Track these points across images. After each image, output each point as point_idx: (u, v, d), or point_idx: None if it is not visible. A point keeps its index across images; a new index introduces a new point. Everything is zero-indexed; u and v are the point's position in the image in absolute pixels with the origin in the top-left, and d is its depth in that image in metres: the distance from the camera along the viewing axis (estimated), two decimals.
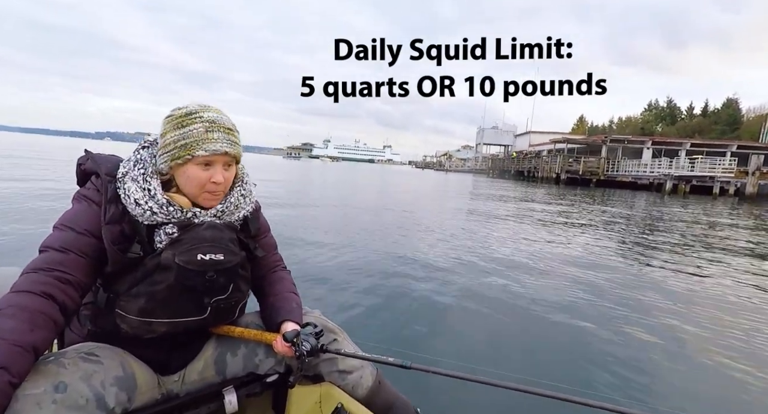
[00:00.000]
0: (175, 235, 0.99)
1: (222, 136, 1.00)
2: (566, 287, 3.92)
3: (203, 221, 1.03)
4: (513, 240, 6.41)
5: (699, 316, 3.32)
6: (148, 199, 0.97)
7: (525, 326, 2.95)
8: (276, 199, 9.62)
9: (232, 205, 1.09)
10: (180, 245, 0.98)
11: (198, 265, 0.99)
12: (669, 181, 27.08)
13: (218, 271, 1.02)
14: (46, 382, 0.80)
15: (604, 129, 77.66)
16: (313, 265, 4.06)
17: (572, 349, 2.62)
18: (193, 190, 1.02)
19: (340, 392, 1.11)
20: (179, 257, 0.97)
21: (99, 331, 1.01)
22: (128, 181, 0.98)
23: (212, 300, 1.03)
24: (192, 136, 0.98)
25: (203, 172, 1.00)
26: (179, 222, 1.00)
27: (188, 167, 1.00)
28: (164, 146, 1.00)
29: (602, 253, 5.82)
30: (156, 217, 0.98)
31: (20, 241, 4.07)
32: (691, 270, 5.04)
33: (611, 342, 2.71)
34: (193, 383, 1.09)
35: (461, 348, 2.54)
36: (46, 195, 7.23)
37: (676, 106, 72.39)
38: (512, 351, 2.58)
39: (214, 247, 1.01)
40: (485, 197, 16.01)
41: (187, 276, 0.98)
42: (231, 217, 1.10)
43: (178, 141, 0.98)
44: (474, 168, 77.76)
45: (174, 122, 1.00)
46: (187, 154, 0.98)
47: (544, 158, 41.19)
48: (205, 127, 0.99)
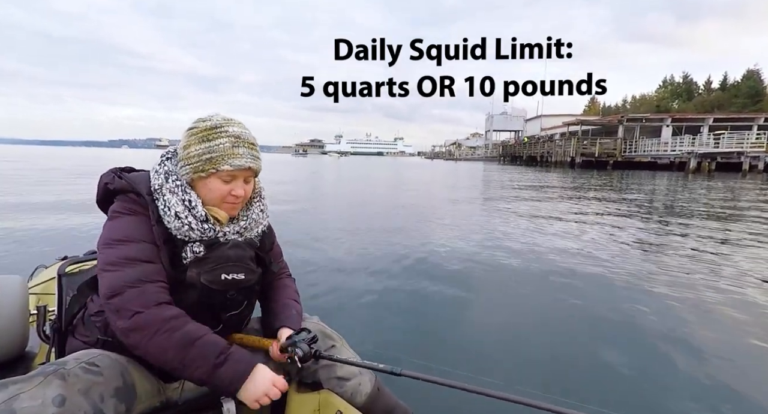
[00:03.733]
0: (201, 254, 1.00)
1: (246, 152, 1.02)
2: (579, 294, 3.18)
3: (228, 240, 1.05)
4: (525, 237, 5.51)
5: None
6: (188, 214, 0.99)
7: (547, 341, 2.52)
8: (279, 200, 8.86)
9: (253, 221, 1.11)
10: (205, 264, 1.00)
11: (221, 284, 1.02)
12: (693, 159, 25.61)
13: (238, 290, 1.06)
14: (45, 396, 0.78)
15: (617, 109, 75.12)
16: (314, 269, 3.83)
17: (579, 363, 2.26)
18: (213, 201, 1.04)
19: (339, 400, 1.10)
20: (204, 276, 1.00)
21: (109, 340, 1.00)
22: (167, 194, 0.99)
23: (227, 314, 1.07)
24: (218, 151, 0.99)
25: (224, 186, 1.02)
26: (207, 240, 1.01)
27: (211, 180, 1.01)
28: (187, 158, 1.01)
29: (633, 250, 4.87)
30: (191, 232, 0.99)
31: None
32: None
33: (627, 356, 2.30)
34: (192, 391, 1.08)
35: (468, 357, 2.32)
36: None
37: (693, 82, 69.35)
38: (525, 363, 2.25)
39: (236, 266, 1.05)
40: (499, 187, 15.04)
41: (210, 295, 1.01)
42: (251, 232, 1.12)
43: (203, 155, 0.99)
44: (484, 155, 76.18)
45: (199, 135, 1.01)
46: (213, 167, 0.99)
47: (557, 142, 39.73)
48: (231, 142, 1.00)
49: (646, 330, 2.58)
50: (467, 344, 2.44)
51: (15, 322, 1.22)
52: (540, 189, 13.64)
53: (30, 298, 1.35)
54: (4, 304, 1.20)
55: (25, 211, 6.47)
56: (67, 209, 6.76)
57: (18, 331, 1.23)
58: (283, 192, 11.19)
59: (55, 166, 22.04)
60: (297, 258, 4.05)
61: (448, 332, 2.59)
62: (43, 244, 4.48)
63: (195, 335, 0.91)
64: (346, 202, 10.32)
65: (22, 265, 3.29)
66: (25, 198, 8.23)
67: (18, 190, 9.88)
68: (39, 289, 1.71)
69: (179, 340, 0.89)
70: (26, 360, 1.28)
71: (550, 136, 49.02)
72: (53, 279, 1.35)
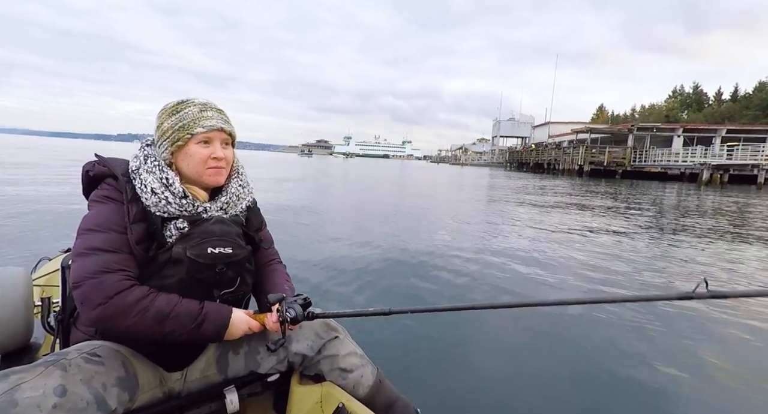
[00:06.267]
0: (185, 230, 1.01)
1: (215, 114, 1.07)
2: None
3: (211, 216, 1.06)
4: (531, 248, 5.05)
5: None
6: (164, 189, 1.00)
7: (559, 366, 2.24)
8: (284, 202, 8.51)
9: (234, 195, 1.12)
10: (190, 239, 1.01)
11: (208, 258, 1.02)
12: (705, 171, 25.00)
13: (227, 264, 1.05)
14: (47, 386, 0.79)
15: (625, 118, 74.24)
16: (317, 264, 3.77)
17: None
18: (197, 167, 1.05)
19: (341, 392, 1.10)
20: (190, 251, 1.00)
21: (107, 331, 1.00)
22: (143, 173, 1.01)
23: (221, 293, 1.07)
24: (188, 117, 1.04)
25: (204, 149, 1.05)
26: (190, 216, 1.03)
27: (189, 147, 1.04)
28: (163, 134, 1.05)
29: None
30: (169, 207, 1.00)
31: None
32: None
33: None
34: (194, 382, 1.09)
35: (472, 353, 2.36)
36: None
37: (703, 92, 68.43)
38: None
39: (223, 240, 1.05)
40: (504, 193, 14.57)
41: (198, 269, 1.01)
42: (235, 209, 1.13)
43: (175, 125, 1.03)
44: (490, 161, 75.42)
45: (168, 111, 1.06)
46: (186, 133, 1.03)
47: (565, 149, 39.11)
48: (198, 108, 1.05)
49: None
50: (468, 344, 2.41)
51: (19, 313, 1.24)
52: (565, 203, 13.15)
53: (34, 290, 1.37)
54: (9, 296, 1.23)
55: (30, 202, 6.43)
56: (73, 200, 6.62)
57: (22, 323, 1.25)
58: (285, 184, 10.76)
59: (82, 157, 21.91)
60: (299, 253, 4.05)
61: (452, 334, 2.62)
62: (46, 235, 4.42)
63: (167, 309, 0.93)
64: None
65: (26, 256, 3.32)
66: (35, 189, 8.15)
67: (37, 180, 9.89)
68: (43, 280, 1.71)
69: (153, 318, 0.91)
70: (31, 351, 1.30)
71: (557, 143, 48.40)
72: (57, 271, 1.41)
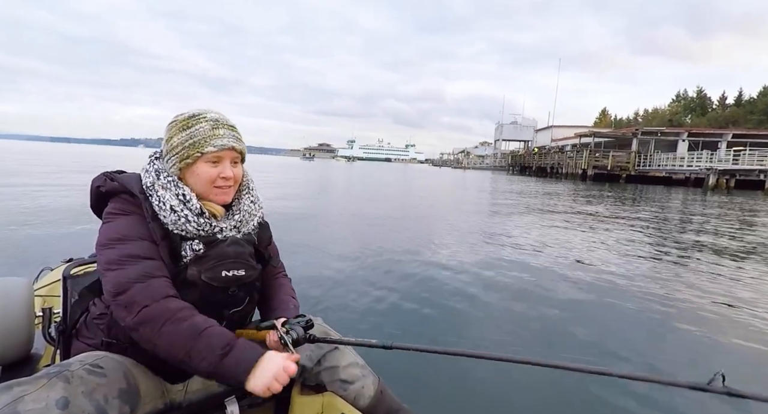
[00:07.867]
0: (200, 252, 1.00)
1: (227, 133, 1.03)
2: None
3: (226, 237, 1.05)
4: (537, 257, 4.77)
5: None
6: (183, 207, 0.99)
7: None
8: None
9: (247, 213, 1.11)
10: (205, 262, 1.00)
11: (222, 281, 1.02)
12: (712, 176, 24.65)
13: (239, 286, 1.05)
14: (49, 398, 0.78)
15: (629, 122, 73.85)
16: (317, 273, 3.81)
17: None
18: (204, 187, 1.03)
19: (343, 402, 1.10)
20: (205, 274, 0.99)
21: (113, 342, 1.00)
22: (160, 190, 0.99)
23: (230, 312, 1.06)
24: (199, 134, 1.00)
25: (212, 169, 1.02)
26: (206, 237, 1.01)
27: (197, 166, 1.02)
28: (172, 149, 1.02)
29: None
30: (188, 225, 0.99)
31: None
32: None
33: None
34: (196, 393, 1.08)
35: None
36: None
37: (707, 96, 68.01)
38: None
39: (237, 262, 1.04)
40: (506, 198, 14.28)
41: (212, 292, 1.01)
42: (248, 226, 1.12)
43: (185, 141, 1.01)
44: (492, 165, 75.07)
45: (179, 125, 1.03)
46: (197, 151, 1.00)
47: (568, 153, 38.80)
48: (210, 125, 1.02)
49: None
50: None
51: (20, 324, 1.22)
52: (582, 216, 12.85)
53: (35, 301, 1.35)
54: (10, 306, 1.21)
55: (31, 214, 6.20)
56: (74, 211, 6.45)
57: (23, 333, 1.23)
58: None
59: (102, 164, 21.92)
60: (299, 260, 4.02)
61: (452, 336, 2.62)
62: (48, 246, 4.34)
63: (202, 326, 0.90)
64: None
65: (27, 267, 3.21)
66: (34, 200, 7.83)
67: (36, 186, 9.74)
68: (44, 291, 1.69)
69: (187, 330, 0.89)
70: (31, 362, 1.28)
71: (560, 147, 48.10)
72: (58, 281, 1.41)
